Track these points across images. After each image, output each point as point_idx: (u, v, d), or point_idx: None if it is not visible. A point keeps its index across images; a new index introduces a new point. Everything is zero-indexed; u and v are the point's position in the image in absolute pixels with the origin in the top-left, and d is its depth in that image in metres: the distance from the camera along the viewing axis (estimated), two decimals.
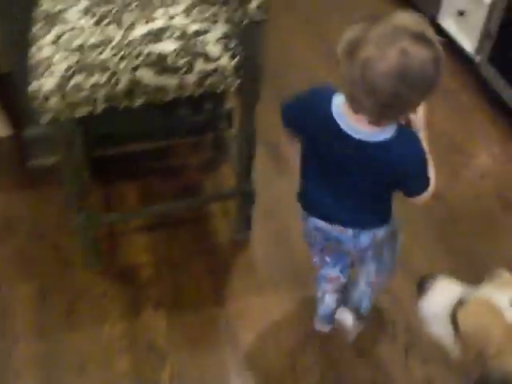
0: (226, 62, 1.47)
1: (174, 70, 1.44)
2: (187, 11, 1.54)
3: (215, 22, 1.52)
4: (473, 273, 1.81)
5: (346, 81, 1.13)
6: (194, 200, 1.97)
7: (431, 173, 1.28)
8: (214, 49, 1.47)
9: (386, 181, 1.26)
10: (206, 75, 1.46)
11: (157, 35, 1.46)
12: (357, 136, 1.20)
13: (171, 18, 1.51)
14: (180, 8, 1.54)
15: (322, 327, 1.70)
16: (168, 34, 1.47)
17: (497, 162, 2.25)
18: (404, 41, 1.06)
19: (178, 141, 2.15)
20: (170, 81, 1.45)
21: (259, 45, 1.47)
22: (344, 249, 1.46)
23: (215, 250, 1.89)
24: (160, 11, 1.53)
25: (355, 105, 1.15)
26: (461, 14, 2.48)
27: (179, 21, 1.50)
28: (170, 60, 1.43)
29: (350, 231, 1.37)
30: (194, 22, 1.51)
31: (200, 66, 1.45)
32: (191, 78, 1.46)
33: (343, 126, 1.20)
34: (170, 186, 2.05)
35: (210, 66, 1.46)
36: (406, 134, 1.22)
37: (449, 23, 2.53)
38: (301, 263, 1.82)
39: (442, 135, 2.31)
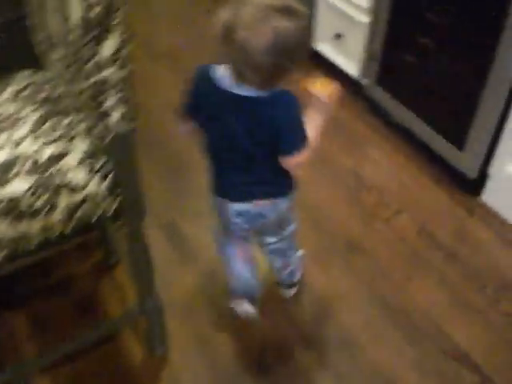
0: (95, 186, 1.22)
1: (34, 214, 1.17)
2: (34, 131, 1.26)
3: (72, 138, 1.25)
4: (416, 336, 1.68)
5: (229, 60, 1.22)
6: (96, 330, 1.65)
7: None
8: (77, 175, 1.21)
9: (269, 135, 1.29)
10: (75, 208, 1.21)
11: (2, 173, 1.18)
12: (241, 93, 1.25)
13: (16, 144, 1.23)
14: (25, 128, 1.27)
15: (239, 305, 1.66)
16: (16, 168, 1.19)
17: (408, 192, 2.11)
18: (272, 18, 1.15)
19: (60, 247, 1.85)
20: (31, 226, 1.18)
21: (132, 158, 1.22)
22: (267, 222, 1.49)
23: (133, 375, 1.63)
24: (0, 137, 1.25)
25: (241, 79, 1.23)
26: (338, 36, 2.33)
27: (27, 147, 1.23)
28: (25, 203, 1.16)
29: (268, 201, 1.42)
30: (46, 144, 1.24)
31: (65, 200, 1.19)
32: (57, 217, 1.19)
33: (227, 87, 1.25)
34: (63, 305, 1.76)
35: (77, 197, 1.20)
36: (286, 94, 1.28)
37: (327, 48, 2.37)
38: (228, 364, 1.63)
39: (346, 173, 2.15)
